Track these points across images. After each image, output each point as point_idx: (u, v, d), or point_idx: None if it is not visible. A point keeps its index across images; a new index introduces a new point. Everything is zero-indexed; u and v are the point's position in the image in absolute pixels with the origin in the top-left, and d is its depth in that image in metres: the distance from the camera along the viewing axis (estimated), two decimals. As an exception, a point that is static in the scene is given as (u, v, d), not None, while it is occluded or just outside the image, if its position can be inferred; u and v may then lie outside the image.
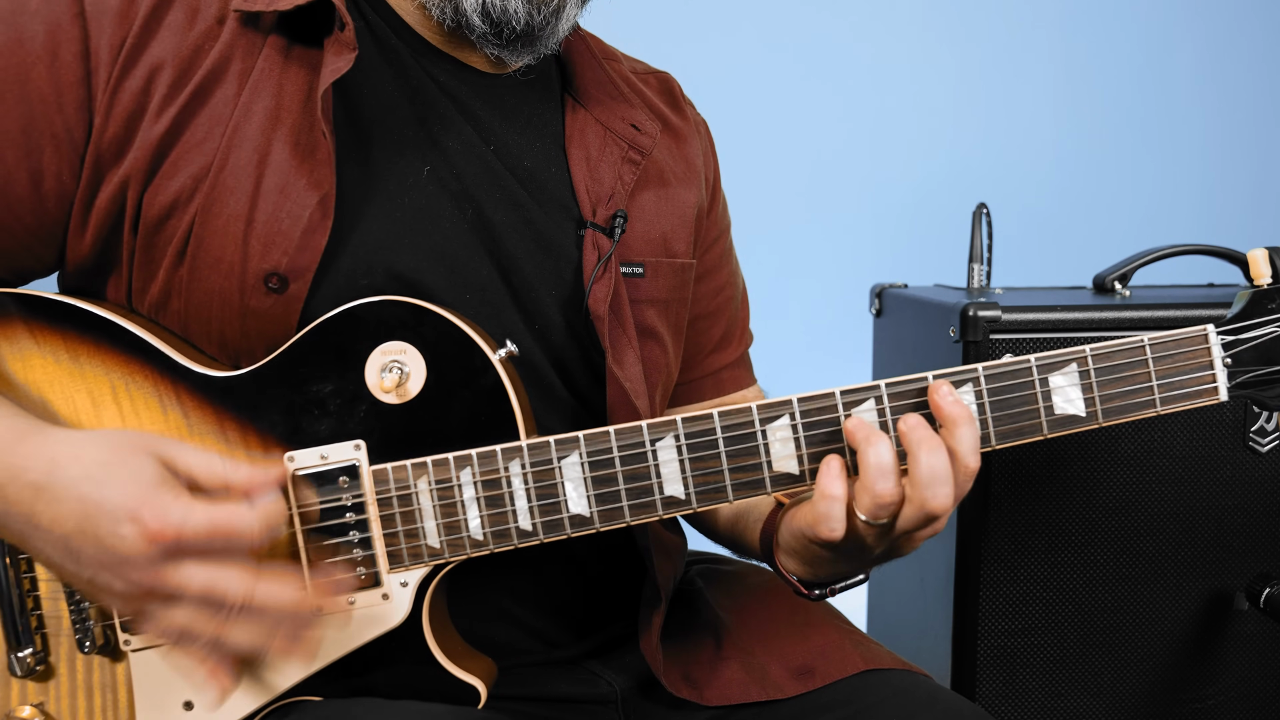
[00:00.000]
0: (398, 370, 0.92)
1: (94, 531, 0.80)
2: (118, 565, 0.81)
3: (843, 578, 1.00)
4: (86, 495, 0.80)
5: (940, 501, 0.87)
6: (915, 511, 0.88)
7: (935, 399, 0.89)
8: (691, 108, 1.30)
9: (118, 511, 0.79)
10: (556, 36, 1.07)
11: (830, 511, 0.89)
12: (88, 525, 0.80)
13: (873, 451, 0.87)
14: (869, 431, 0.89)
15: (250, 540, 0.81)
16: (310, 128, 0.96)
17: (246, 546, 0.81)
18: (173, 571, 0.80)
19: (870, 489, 0.87)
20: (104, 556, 0.81)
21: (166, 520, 0.79)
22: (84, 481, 0.81)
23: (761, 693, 1.06)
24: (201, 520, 0.80)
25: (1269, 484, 1.51)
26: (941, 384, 0.90)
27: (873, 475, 0.87)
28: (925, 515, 0.88)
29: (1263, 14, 2.85)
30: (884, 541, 0.91)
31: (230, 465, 0.84)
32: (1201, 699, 1.54)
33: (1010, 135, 2.80)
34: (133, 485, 0.80)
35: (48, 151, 0.93)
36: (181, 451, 0.84)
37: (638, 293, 1.13)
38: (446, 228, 1.02)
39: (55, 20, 0.92)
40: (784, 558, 1.01)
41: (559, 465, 0.92)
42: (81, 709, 0.95)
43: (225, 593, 0.81)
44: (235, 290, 0.94)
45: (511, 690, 1.06)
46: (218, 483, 0.83)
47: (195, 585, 0.81)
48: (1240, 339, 0.95)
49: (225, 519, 0.80)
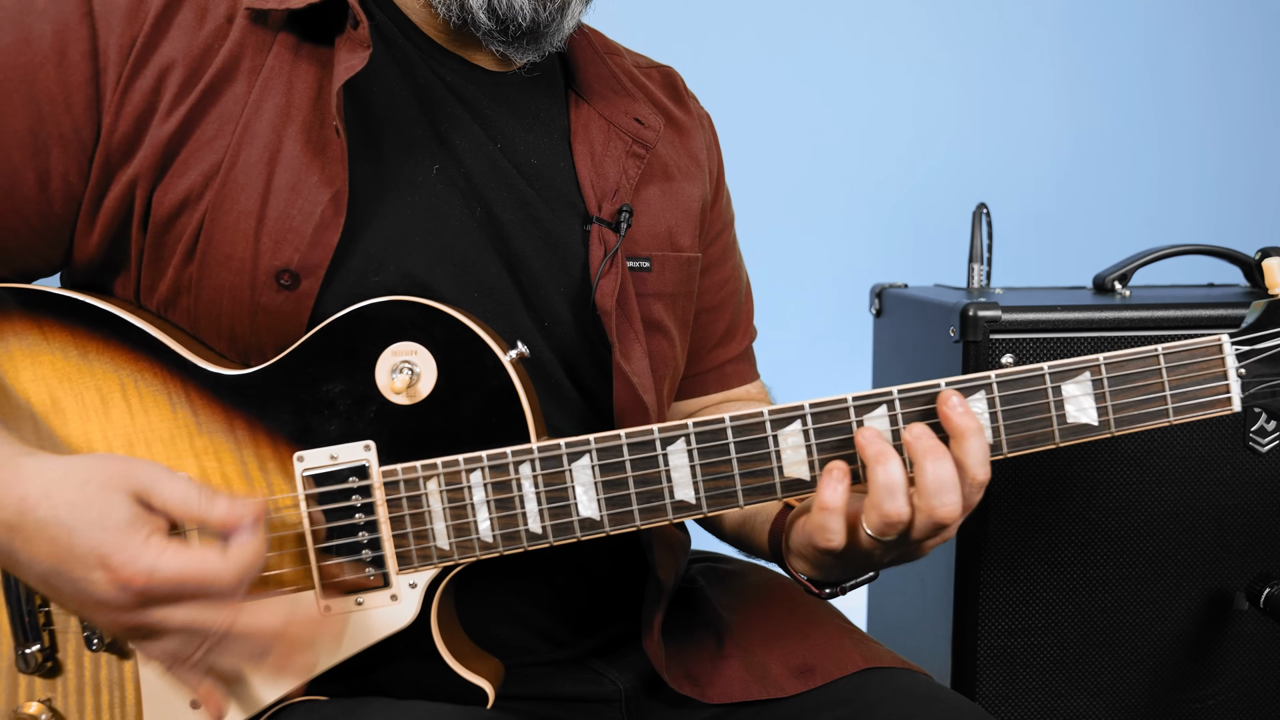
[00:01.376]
0: (408, 371, 0.91)
1: (68, 575, 0.80)
2: (95, 606, 0.81)
3: (851, 578, 1.01)
4: (56, 539, 0.79)
5: (947, 510, 0.87)
6: (923, 521, 0.88)
7: (944, 410, 0.89)
8: (695, 101, 1.30)
9: (87, 558, 0.78)
10: (562, 33, 1.07)
11: (827, 523, 0.89)
12: (62, 568, 0.80)
13: (882, 470, 0.87)
14: (880, 448, 0.88)
15: (223, 591, 0.80)
16: (321, 125, 0.95)
17: (219, 597, 0.80)
18: (149, 612, 0.80)
19: (878, 507, 0.87)
20: (82, 596, 0.80)
21: (135, 569, 0.78)
22: (53, 525, 0.79)
23: (762, 691, 1.06)
24: (171, 570, 0.79)
25: (1269, 484, 1.52)
26: (951, 394, 0.90)
27: (881, 494, 0.87)
28: (933, 525, 0.88)
29: (1263, 14, 2.85)
30: (892, 552, 0.92)
31: (207, 501, 0.82)
32: (1201, 699, 1.54)
33: (1010, 135, 2.80)
34: (100, 531, 0.79)
35: (55, 152, 0.93)
36: (159, 485, 0.82)
37: (644, 287, 1.13)
38: (456, 226, 1.02)
39: (63, 20, 0.92)
40: (794, 559, 1.02)
41: (570, 468, 0.92)
42: (89, 706, 0.95)
43: (207, 625, 0.81)
44: (246, 287, 0.94)
45: (516, 690, 1.06)
46: (194, 521, 0.82)
47: (174, 623, 0.81)
48: (1255, 349, 0.94)
49: (195, 568, 0.79)
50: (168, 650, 0.83)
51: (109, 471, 0.81)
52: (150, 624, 0.81)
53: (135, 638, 0.84)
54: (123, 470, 0.82)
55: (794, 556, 1.01)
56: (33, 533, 0.80)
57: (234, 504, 0.82)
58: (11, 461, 0.83)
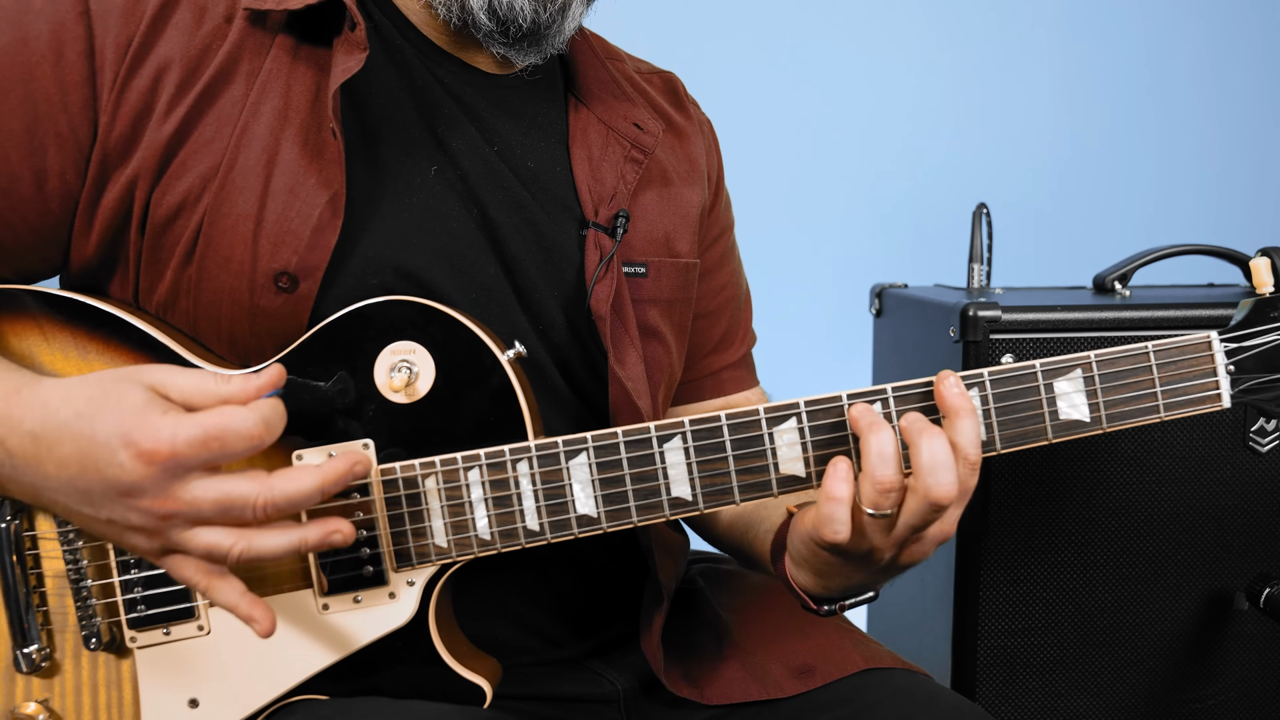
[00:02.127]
0: (407, 370, 0.92)
1: (95, 466, 0.80)
2: (127, 495, 0.80)
3: (853, 592, 1.00)
4: (80, 433, 0.80)
5: (944, 490, 0.86)
6: (919, 503, 0.87)
7: (940, 388, 0.89)
8: (695, 106, 1.30)
9: (111, 440, 0.79)
10: (563, 36, 1.07)
11: (834, 514, 0.89)
12: (88, 462, 0.80)
13: (874, 439, 0.87)
14: (872, 419, 0.89)
15: (249, 437, 0.79)
16: (319, 127, 0.96)
17: (247, 446, 0.79)
18: (182, 489, 0.79)
19: (871, 475, 0.87)
20: (112, 490, 0.80)
21: (158, 437, 0.78)
22: (76, 420, 0.80)
23: (762, 691, 1.06)
24: (193, 428, 0.78)
25: (1269, 484, 1.52)
26: (949, 374, 0.90)
27: (874, 461, 0.87)
28: (929, 505, 0.87)
29: (1262, 14, 2.85)
30: (890, 542, 0.91)
31: (223, 380, 0.82)
32: (1201, 699, 1.54)
33: (1010, 135, 2.80)
34: (119, 413, 0.79)
35: (52, 151, 0.93)
36: (173, 376, 0.82)
37: (640, 292, 1.13)
38: (454, 228, 1.02)
39: (60, 19, 0.92)
40: (793, 568, 1.00)
41: (567, 466, 0.92)
42: (87, 706, 0.95)
43: (243, 497, 0.80)
44: (245, 289, 0.94)
45: (514, 690, 1.06)
46: (213, 400, 0.82)
47: (209, 497, 0.80)
48: (1243, 346, 0.95)
49: (217, 421, 0.79)
50: (208, 543, 0.82)
51: (123, 371, 0.83)
52: (185, 503, 0.80)
53: (174, 531, 0.82)
54: (136, 369, 0.84)
55: (794, 563, 1.00)
56: (57, 435, 0.81)
57: (249, 376, 0.82)
58: (31, 380, 0.85)
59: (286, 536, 0.83)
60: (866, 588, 0.99)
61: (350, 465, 0.85)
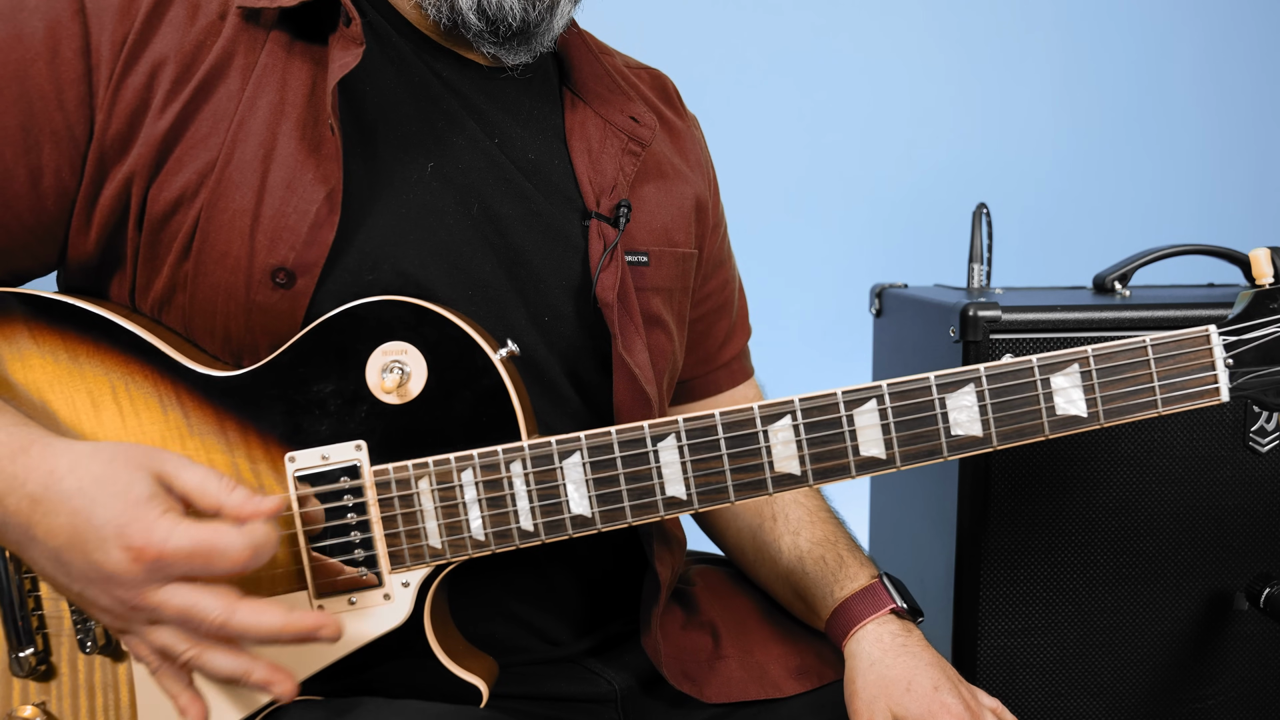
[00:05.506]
0: (399, 370, 0.91)
1: (83, 547, 0.81)
2: (104, 582, 0.81)
3: None
4: (78, 510, 0.81)
5: None
6: None
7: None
8: (683, 104, 1.31)
9: (105, 529, 0.80)
10: (552, 33, 1.07)
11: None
12: (78, 540, 0.81)
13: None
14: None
15: (234, 561, 0.81)
16: (316, 123, 0.95)
17: (230, 568, 0.81)
18: (154, 591, 0.81)
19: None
20: (92, 572, 0.81)
21: (150, 539, 0.79)
22: (77, 496, 0.81)
23: (760, 691, 1.06)
24: (184, 539, 0.80)
25: (1269, 484, 1.51)
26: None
27: None
28: None
29: (1262, 14, 2.85)
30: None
31: (226, 488, 0.83)
32: (1201, 699, 1.54)
33: (1010, 135, 2.80)
34: (121, 502, 0.80)
35: (47, 149, 0.93)
36: (180, 469, 0.84)
37: (643, 281, 1.13)
38: (451, 224, 1.02)
39: (55, 17, 0.92)
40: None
41: (560, 465, 0.92)
42: (83, 709, 0.95)
43: (203, 612, 0.81)
44: (241, 285, 0.94)
45: (511, 689, 1.06)
46: (211, 505, 0.83)
47: (173, 605, 0.81)
48: (1242, 339, 0.95)
49: (208, 539, 0.80)
50: (161, 643, 0.84)
51: (134, 452, 0.84)
52: (152, 604, 0.81)
53: (134, 622, 0.84)
54: (147, 453, 0.84)
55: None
56: (56, 504, 0.82)
57: (252, 495, 0.83)
58: (43, 439, 0.85)
59: (234, 663, 0.84)
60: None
61: (317, 627, 0.85)
